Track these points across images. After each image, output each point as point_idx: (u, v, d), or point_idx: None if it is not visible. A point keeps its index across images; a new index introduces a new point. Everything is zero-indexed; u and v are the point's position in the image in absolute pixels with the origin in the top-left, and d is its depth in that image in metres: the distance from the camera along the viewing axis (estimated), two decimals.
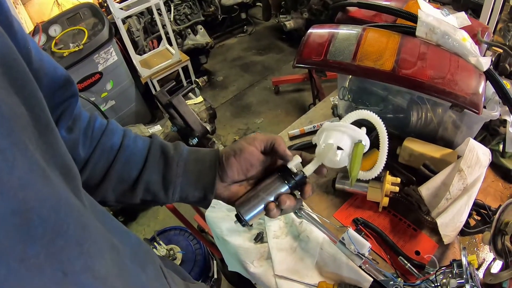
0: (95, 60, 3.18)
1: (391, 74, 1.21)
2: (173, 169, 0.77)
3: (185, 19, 4.32)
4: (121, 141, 0.78)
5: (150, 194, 0.78)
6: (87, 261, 0.41)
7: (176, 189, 0.77)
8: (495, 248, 1.06)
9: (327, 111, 1.82)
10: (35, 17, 3.60)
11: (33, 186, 0.35)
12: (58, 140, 0.47)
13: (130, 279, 0.53)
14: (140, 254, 0.64)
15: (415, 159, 1.38)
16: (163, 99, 2.62)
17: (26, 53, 0.52)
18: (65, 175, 0.44)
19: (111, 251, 0.49)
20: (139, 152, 0.78)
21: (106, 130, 0.78)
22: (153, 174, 0.77)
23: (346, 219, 1.33)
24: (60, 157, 0.46)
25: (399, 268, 1.17)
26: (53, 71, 0.64)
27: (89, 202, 0.51)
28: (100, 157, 0.75)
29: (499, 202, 1.33)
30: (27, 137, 0.37)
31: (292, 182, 0.77)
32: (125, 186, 0.77)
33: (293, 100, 4.26)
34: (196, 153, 0.81)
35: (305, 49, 1.35)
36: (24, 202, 0.33)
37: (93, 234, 0.44)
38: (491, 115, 1.25)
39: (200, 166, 0.79)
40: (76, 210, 0.42)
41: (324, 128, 0.80)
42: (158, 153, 0.79)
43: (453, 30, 1.26)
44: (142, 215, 3.19)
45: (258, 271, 1.20)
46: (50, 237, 0.36)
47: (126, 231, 0.64)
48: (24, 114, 0.39)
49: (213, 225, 1.35)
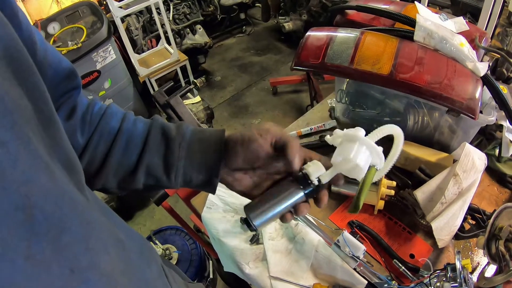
0: (94, 59, 3.17)
1: (388, 78, 1.22)
2: (175, 151, 0.73)
3: (184, 18, 4.32)
4: (120, 124, 0.75)
5: (152, 178, 0.74)
6: (93, 257, 0.40)
7: (179, 172, 0.73)
8: (489, 252, 1.06)
9: (324, 113, 1.83)
10: (34, 14, 3.59)
11: (37, 181, 0.34)
12: (62, 134, 0.46)
13: (135, 275, 0.52)
14: (145, 250, 0.63)
15: (411, 163, 1.39)
16: (161, 99, 2.62)
17: (31, 44, 0.51)
18: (68, 169, 0.43)
19: (117, 247, 0.49)
20: (138, 135, 0.74)
21: (104, 114, 0.75)
22: (154, 157, 0.73)
23: (342, 221, 1.33)
24: (64, 152, 0.45)
25: (394, 271, 1.17)
26: (58, 63, 0.63)
27: (92, 197, 0.50)
28: (99, 141, 0.72)
29: (494, 206, 1.33)
30: (30, 130, 0.37)
31: (309, 189, 0.71)
32: (126, 171, 0.73)
33: (290, 101, 4.26)
34: (201, 134, 0.76)
35: (303, 52, 1.36)
36: (27, 197, 0.33)
37: (97, 229, 0.44)
38: (487, 120, 1.26)
39: (204, 148, 0.74)
40: (80, 205, 0.41)
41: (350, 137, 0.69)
42: (158, 135, 0.75)
43: (451, 35, 1.26)
44: (138, 214, 3.19)
45: (254, 272, 1.20)
46: (54, 233, 0.35)
47: (129, 228, 0.64)
48: (27, 106, 0.38)
49: (209, 226, 1.35)
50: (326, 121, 1.75)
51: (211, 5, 4.72)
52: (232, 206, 1.40)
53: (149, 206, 3.21)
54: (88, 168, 0.72)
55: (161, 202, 1.55)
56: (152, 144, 0.74)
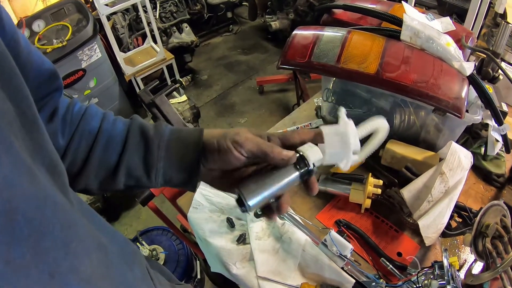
0: (79, 57, 3.13)
1: (374, 77, 1.22)
2: (154, 152, 0.72)
3: (170, 17, 4.29)
4: (100, 124, 0.74)
5: (133, 179, 0.73)
6: (73, 261, 0.40)
7: (159, 173, 0.73)
8: (476, 249, 1.07)
9: (310, 112, 1.83)
10: (19, 11, 3.52)
11: (19, 185, 0.34)
12: (45, 137, 0.46)
13: (116, 279, 0.52)
14: (128, 253, 0.63)
15: (397, 162, 1.39)
16: (146, 98, 2.60)
17: (14, 45, 0.50)
18: (51, 173, 0.43)
19: (98, 250, 0.48)
20: (118, 135, 0.73)
21: (84, 114, 0.74)
22: (133, 158, 0.72)
23: (329, 220, 1.33)
24: (47, 155, 0.45)
25: (381, 269, 1.17)
26: (40, 64, 0.62)
27: (76, 200, 0.50)
28: (80, 142, 0.72)
29: (481, 204, 1.35)
30: (12, 134, 0.36)
31: (304, 170, 0.69)
32: (107, 172, 0.73)
33: (277, 100, 4.26)
34: (179, 133, 0.75)
35: (290, 50, 1.35)
36: (9, 202, 0.32)
37: (79, 233, 0.43)
38: (473, 119, 1.27)
39: (183, 147, 0.74)
40: (62, 208, 0.41)
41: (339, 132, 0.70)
42: (137, 135, 0.74)
43: (437, 34, 1.27)
44: (125, 215, 3.16)
45: (241, 272, 1.20)
46: (36, 237, 0.35)
47: (113, 230, 0.63)
48: (10, 109, 0.38)
49: (195, 226, 1.34)
50: (312, 120, 1.75)
51: (198, 3, 4.70)
52: (218, 206, 1.39)
53: (136, 206, 3.18)
54: (70, 169, 0.71)
55: (146, 203, 1.53)
56: (132, 144, 0.73)
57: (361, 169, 1.47)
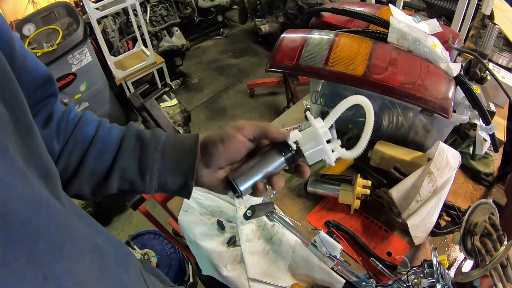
0: (69, 61, 3.11)
1: (362, 79, 1.23)
2: (150, 154, 0.73)
3: (161, 20, 4.28)
4: (95, 132, 0.74)
5: (127, 183, 0.73)
6: (67, 264, 0.40)
7: (154, 176, 0.73)
8: (465, 248, 1.08)
9: (300, 115, 1.84)
10: (9, 15, 3.49)
11: (14, 188, 0.34)
12: (39, 142, 0.46)
13: (111, 281, 0.52)
14: (122, 255, 0.63)
15: (386, 162, 1.40)
16: (136, 102, 2.59)
17: (9, 50, 0.50)
18: (45, 177, 0.43)
19: (93, 253, 0.48)
20: (113, 141, 0.74)
21: (79, 122, 0.75)
22: (128, 161, 0.72)
23: (318, 221, 1.34)
24: (40, 160, 0.45)
25: (371, 269, 1.18)
26: (36, 69, 0.61)
27: (69, 204, 0.50)
28: (73, 148, 0.72)
29: (469, 203, 1.36)
30: (7, 138, 0.37)
31: (288, 155, 0.76)
32: (100, 177, 0.73)
33: (267, 103, 4.27)
34: (175, 138, 0.76)
35: (278, 54, 1.36)
36: (4, 204, 0.32)
37: (74, 235, 0.44)
38: (460, 119, 1.28)
39: (179, 151, 0.74)
40: (56, 212, 0.41)
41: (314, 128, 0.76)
42: (133, 140, 0.74)
43: (424, 36, 1.28)
44: (116, 219, 3.15)
45: (232, 274, 1.20)
46: (31, 240, 0.35)
47: (108, 232, 0.63)
48: (4, 114, 0.38)
49: (186, 230, 1.34)
50: (301, 122, 1.75)
51: (189, 7, 4.68)
52: (208, 208, 1.39)
53: (127, 211, 3.17)
54: (62, 174, 0.71)
55: (137, 207, 1.53)
56: (127, 148, 0.73)
57: (350, 170, 1.48)
